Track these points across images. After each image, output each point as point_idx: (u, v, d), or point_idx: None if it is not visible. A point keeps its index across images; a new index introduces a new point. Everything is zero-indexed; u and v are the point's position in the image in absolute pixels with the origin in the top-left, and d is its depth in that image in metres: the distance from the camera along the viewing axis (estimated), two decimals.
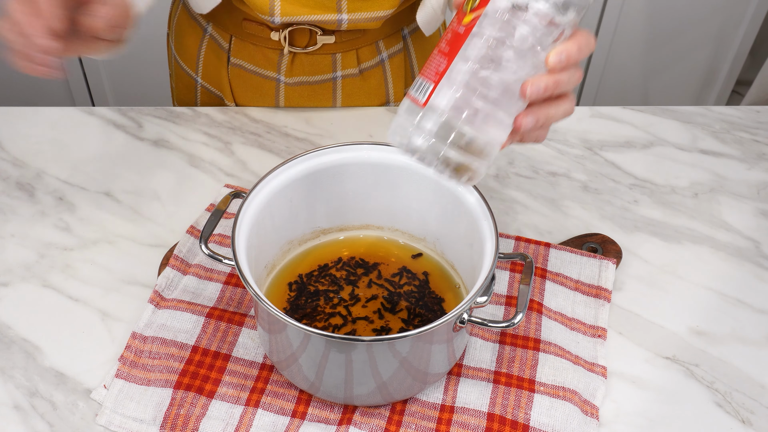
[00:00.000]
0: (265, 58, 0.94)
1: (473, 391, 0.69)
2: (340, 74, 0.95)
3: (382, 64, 0.97)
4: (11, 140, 0.92)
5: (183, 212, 0.85)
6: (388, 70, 0.97)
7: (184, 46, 1.00)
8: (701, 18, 1.87)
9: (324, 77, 0.95)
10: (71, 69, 1.86)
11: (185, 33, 0.99)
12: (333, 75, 0.95)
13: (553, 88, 0.57)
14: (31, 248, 0.81)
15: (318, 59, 0.93)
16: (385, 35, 0.95)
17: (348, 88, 0.97)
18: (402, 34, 0.97)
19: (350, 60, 0.94)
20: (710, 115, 1.00)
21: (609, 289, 0.77)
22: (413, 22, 0.98)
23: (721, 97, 2.05)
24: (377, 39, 0.94)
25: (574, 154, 0.94)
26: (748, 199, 0.89)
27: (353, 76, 0.96)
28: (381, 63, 0.96)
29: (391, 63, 0.97)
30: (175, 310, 0.73)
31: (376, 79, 0.98)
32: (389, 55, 0.97)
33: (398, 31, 0.96)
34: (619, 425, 0.68)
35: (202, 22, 0.96)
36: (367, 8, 0.86)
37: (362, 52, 0.94)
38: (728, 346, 0.75)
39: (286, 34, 0.90)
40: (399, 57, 0.98)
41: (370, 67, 0.96)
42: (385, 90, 0.99)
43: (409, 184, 0.73)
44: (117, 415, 0.67)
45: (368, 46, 0.94)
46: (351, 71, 0.95)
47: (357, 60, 0.95)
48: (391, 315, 0.71)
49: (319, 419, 0.67)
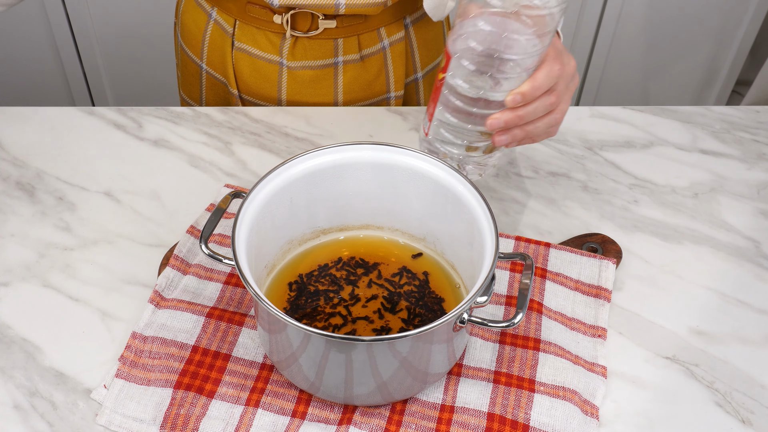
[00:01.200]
0: (269, 42, 0.95)
1: (473, 391, 0.69)
2: (342, 59, 0.96)
3: (384, 51, 0.98)
4: (11, 140, 0.92)
5: (183, 212, 0.85)
6: (389, 57, 0.98)
7: (189, 33, 1.02)
8: (701, 18, 1.87)
9: (326, 62, 0.96)
10: (71, 69, 1.86)
11: (191, 19, 1.01)
12: (335, 60, 0.96)
13: (516, 121, 0.69)
14: (31, 248, 0.81)
15: (320, 44, 0.94)
16: (386, 23, 0.96)
17: (349, 73, 0.98)
18: (404, 22, 0.98)
19: (351, 45, 0.95)
20: (710, 115, 1.00)
21: (609, 289, 0.77)
22: (416, 11, 0.98)
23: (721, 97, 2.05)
24: (379, 26, 0.96)
25: (574, 154, 0.94)
26: (748, 199, 0.89)
27: (354, 62, 0.97)
28: (382, 50, 0.97)
29: (393, 51, 0.98)
30: (175, 310, 0.73)
31: (376, 67, 0.99)
32: (390, 43, 0.98)
33: (400, 19, 0.97)
34: (619, 425, 0.68)
35: (207, 7, 0.98)
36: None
37: (363, 38, 0.96)
38: (728, 346, 0.75)
39: (288, 18, 0.92)
40: (400, 45, 0.98)
41: (371, 54, 0.97)
42: (386, 78, 1.00)
43: (409, 184, 0.73)
44: (117, 415, 0.67)
45: (369, 32, 0.96)
46: (352, 56, 0.96)
47: (358, 46, 0.96)
48: (391, 315, 0.71)
49: (319, 419, 0.67)
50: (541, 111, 0.70)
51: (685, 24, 1.87)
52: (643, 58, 1.94)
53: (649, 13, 1.84)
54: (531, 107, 0.69)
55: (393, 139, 0.93)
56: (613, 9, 1.82)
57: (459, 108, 0.72)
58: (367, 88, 0.99)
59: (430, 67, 1.05)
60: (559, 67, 0.69)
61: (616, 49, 1.90)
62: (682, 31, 1.89)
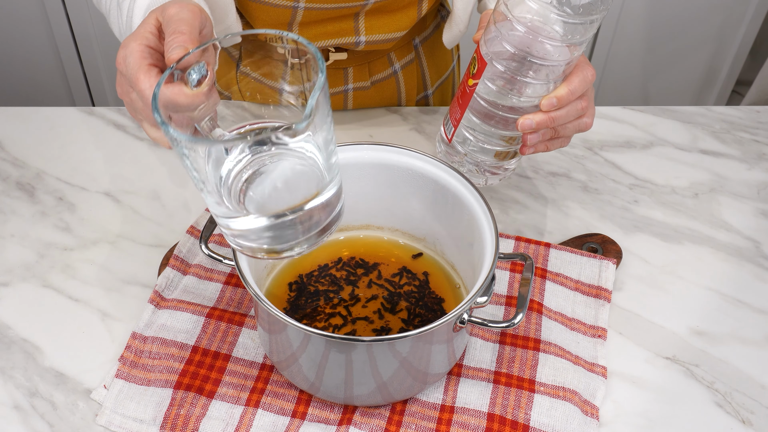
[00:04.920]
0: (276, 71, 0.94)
1: (473, 391, 0.69)
2: (351, 87, 0.95)
3: (395, 75, 0.97)
4: (11, 140, 0.92)
5: (183, 212, 0.85)
6: (401, 80, 0.98)
7: None
8: (701, 18, 1.87)
9: (335, 90, 0.95)
10: (71, 69, 1.86)
11: None
12: (344, 88, 0.95)
13: (548, 123, 0.70)
14: (31, 248, 0.81)
15: (329, 72, 0.93)
16: (397, 47, 0.95)
17: (359, 99, 0.97)
18: (413, 43, 0.97)
19: (362, 73, 0.94)
20: (710, 115, 1.00)
21: (609, 289, 0.77)
22: (424, 31, 0.98)
23: (721, 97, 2.05)
24: (389, 51, 0.95)
25: (574, 154, 0.94)
26: (748, 199, 0.89)
27: (364, 88, 0.96)
28: (394, 74, 0.97)
29: (404, 73, 0.98)
30: (175, 310, 0.73)
31: (388, 90, 0.98)
32: (402, 66, 0.97)
33: (409, 42, 0.96)
34: (619, 425, 0.68)
35: None
36: (385, 30, 0.86)
37: (374, 65, 0.95)
38: (728, 346, 0.75)
39: None
40: (411, 66, 0.98)
41: (382, 79, 0.97)
42: (398, 97, 1.00)
43: (409, 184, 0.73)
44: (117, 415, 0.67)
45: (380, 59, 0.95)
46: (362, 84, 0.95)
47: (368, 73, 0.95)
48: (391, 315, 0.71)
49: (319, 419, 0.67)
50: (572, 115, 0.71)
51: (685, 24, 1.87)
52: (643, 58, 1.94)
53: (649, 13, 1.84)
54: (564, 111, 0.70)
55: (393, 139, 0.93)
56: (613, 9, 1.82)
57: (490, 113, 0.73)
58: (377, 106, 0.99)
59: (439, 82, 1.05)
60: (592, 73, 0.71)
61: (616, 49, 1.90)
62: (682, 31, 1.89)
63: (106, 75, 1.89)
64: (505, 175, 0.80)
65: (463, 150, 0.77)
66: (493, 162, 0.78)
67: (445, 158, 0.80)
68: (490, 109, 0.73)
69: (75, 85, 1.90)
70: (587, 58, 0.73)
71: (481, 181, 0.80)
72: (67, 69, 1.86)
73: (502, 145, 0.76)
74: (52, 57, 1.84)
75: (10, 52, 1.83)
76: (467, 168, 0.79)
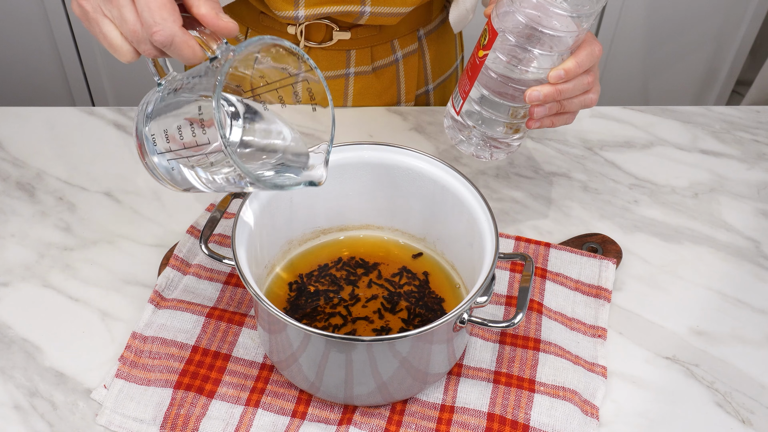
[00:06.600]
0: None
1: (473, 391, 0.69)
2: (353, 71, 0.95)
3: (396, 63, 0.97)
4: (11, 140, 0.92)
5: (183, 212, 0.85)
6: (402, 70, 0.98)
7: None
8: (701, 18, 1.87)
9: (337, 73, 0.96)
10: (71, 69, 1.86)
11: None
12: (346, 71, 0.95)
13: (555, 96, 0.70)
14: (31, 248, 0.81)
15: (332, 54, 0.94)
16: (400, 35, 0.95)
17: (359, 84, 0.97)
18: (418, 35, 0.97)
19: (364, 57, 0.95)
20: (710, 115, 1.00)
21: (609, 289, 0.77)
22: (430, 23, 0.98)
23: (721, 97, 2.05)
24: (392, 38, 0.95)
25: (574, 154, 0.94)
26: (748, 199, 0.89)
27: (366, 73, 0.96)
28: (395, 62, 0.97)
29: (405, 63, 0.98)
30: (175, 310, 0.73)
31: (388, 78, 0.98)
32: (404, 55, 0.97)
33: (414, 31, 0.97)
34: (619, 425, 0.68)
35: None
36: (391, 2, 0.87)
37: (377, 50, 0.95)
38: (728, 346, 0.75)
39: (303, 29, 0.91)
40: (413, 57, 0.98)
41: (384, 66, 0.97)
42: (397, 89, 1.00)
43: (409, 184, 0.73)
44: (117, 415, 0.67)
45: (383, 44, 0.95)
46: (364, 68, 0.96)
47: (371, 57, 0.95)
48: (391, 315, 0.71)
49: (319, 419, 0.67)
50: (579, 89, 0.72)
51: (685, 24, 1.87)
52: (643, 58, 1.94)
53: (649, 13, 1.84)
54: (571, 84, 0.71)
55: (393, 139, 0.93)
56: (613, 9, 1.82)
57: (499, 85, 0.73)
58: (377, 98, 0.99)
59: (441, 80, 1.05)
60: (599, 48, 0.71)
61: (616, 49, 1.90)
62: (682, 31, 1.89)
63: (106, 75, 1.89)
64: (509, 150, 0.80)
65: (472, 123, 0.77)
66: (500, 135, 0.78)
67: (451, 134, 0.80)
68: (499, 80, 0.73)
69: (75, 86, 1.90)
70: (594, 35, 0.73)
71: (487, 155, 0.80)
72: (67, 69, 1.86)
73: (508, 119, 0.76)
74: (52, 57, 1.84)
75: (11, 53, 1.83)
76: (474, 142, 0.79)
